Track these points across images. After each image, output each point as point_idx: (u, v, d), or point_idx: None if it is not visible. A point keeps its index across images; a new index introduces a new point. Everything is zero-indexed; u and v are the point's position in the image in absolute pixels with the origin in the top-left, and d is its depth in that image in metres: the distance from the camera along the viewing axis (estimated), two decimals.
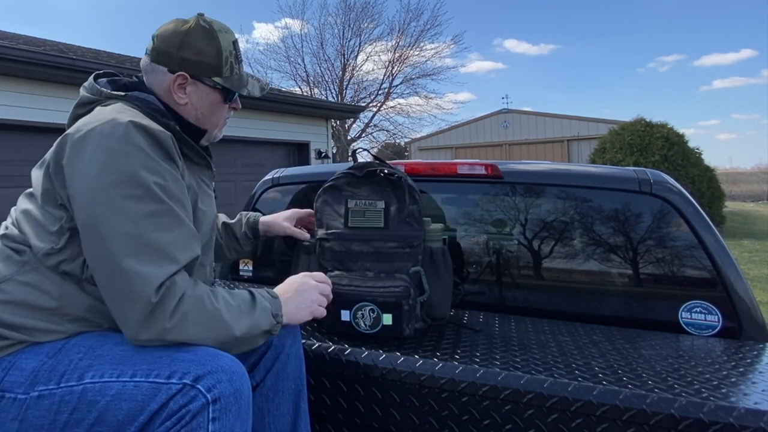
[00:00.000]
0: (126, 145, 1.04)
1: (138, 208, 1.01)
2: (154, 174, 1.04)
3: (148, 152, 1.05)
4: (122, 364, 0.99)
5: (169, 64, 1.22)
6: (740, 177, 30.16)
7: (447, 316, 1.61)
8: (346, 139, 19.23)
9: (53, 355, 1.02)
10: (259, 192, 2.23)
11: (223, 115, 1.32)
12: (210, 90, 1.26)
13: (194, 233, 1.10)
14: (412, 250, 1.52)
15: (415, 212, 1.54)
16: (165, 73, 1.22)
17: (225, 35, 1.26)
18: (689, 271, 1.62)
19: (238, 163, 7.27)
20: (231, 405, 0.97)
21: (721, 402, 1.08)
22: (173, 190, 1.07)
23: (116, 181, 1.01)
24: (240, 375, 1.00)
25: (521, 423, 1.19)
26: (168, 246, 1.02)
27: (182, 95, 1.24)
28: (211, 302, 1.05)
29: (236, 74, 1.28)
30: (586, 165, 2.01)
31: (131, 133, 1.05)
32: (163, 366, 0.98)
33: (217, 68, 1.24)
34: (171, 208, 1.05)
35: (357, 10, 20.17)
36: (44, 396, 0.98)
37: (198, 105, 1.26)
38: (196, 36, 1.22)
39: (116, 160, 1.02)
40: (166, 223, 1.03)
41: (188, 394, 0.95)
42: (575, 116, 19.65)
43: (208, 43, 1.23)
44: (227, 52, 1.25)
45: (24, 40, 6.61)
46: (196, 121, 1.27)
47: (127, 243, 0.99)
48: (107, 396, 0.96)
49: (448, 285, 1.61)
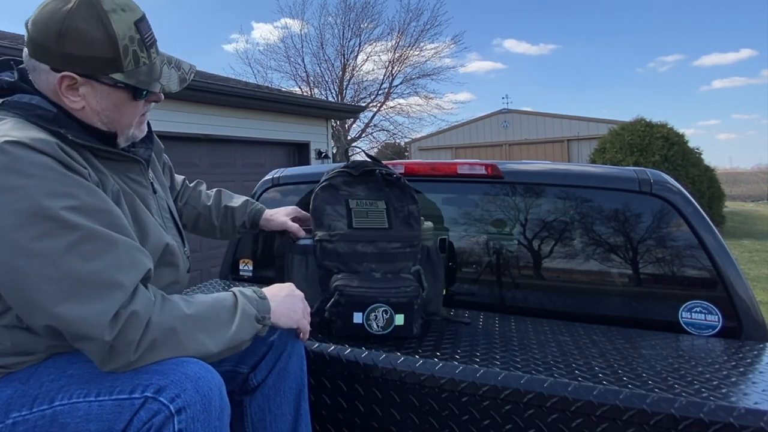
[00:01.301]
0: (13, 176, 0.87)
1: (53, 246, 0.87)
2: (60, 198, 0.89)
3: (42, 174, 0.88)
4: (89, 383, 0.94)
5: (50, 61, 0.98)
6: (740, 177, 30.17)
7: (439, 310, 1.67)
8: (346, 139, 19.22)
9: (26, 380, 0.97)
10: (259, 192, 2.23)
11: (135, 114, 1.09)
12: (110, 89, 1.02)
13: (133, 246, 0.96)
14: (412, 250, 1.54)
15: (414, 212, 1.56)
16: (48, 71, 0.99)
17: (122, 15, 0.98)
18: (689, 271, 1.62)
19: (238, 163, 7.27)
20: (198, 413, 0.90)
21: (721, 402, 1.08)
22: (91, 205, 0.92)
23: (16, 224, 0.86)
24: (207, 381, 0.93)
25: (521, 423, 1.19)
26: (105, 273, 0.89)
27: (75, 98, 1.01)
28: (183, 322, 0.95)
29: (144, 65, 1.03)
30: (586, 165, 2.01)
31: (11, 159, 0.87)
32: (126, 381, 0.92)
33: (115, 61, 0.99)
34: (93, 230, 0.90)
35: (357, 10, 20.15)
36: (18, 423, 0.94)
37: (99, 108, 1.03)
38: (80, 20, 0.95)
39: (10, 198, 0.87)
40: (93, 250, 0.89)
41: (150, 408, 0.89)
42: (575, 116, 19.64)
43: (96, 29, 0.96)
44: (125, 39, 0.99)
45: (24, 40, 6.61)
46: (101, 124, 1.05)
47: (56, 289, 0.86)
48: (76, 418, 0.91)
49: (442, 281, 1.67)
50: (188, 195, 1.62)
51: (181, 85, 1.12)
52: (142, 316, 0.91)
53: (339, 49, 20.52)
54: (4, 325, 0.98)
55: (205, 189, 1.67)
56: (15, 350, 0.99)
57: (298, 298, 1.22)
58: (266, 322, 1.10)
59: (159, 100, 1.13)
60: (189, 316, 0.97)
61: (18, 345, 0.99)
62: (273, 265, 2.18)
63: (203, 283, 2.08)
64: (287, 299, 1.19)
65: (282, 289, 1.21)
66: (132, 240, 0.97)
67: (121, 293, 0.90)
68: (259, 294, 1.13)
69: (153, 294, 0.96)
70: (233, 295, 1.09)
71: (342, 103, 16.21)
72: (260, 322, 1.09)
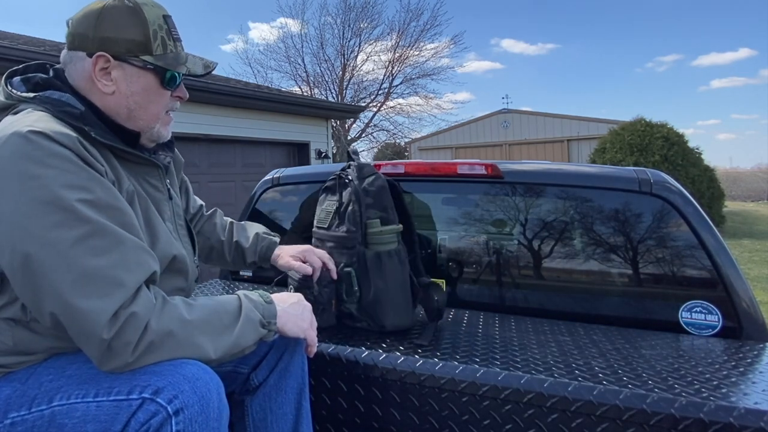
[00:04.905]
0: (32, 165, 0.90)
1: (63, 237, 0.88)
2: (76, 190, 0.91)
3: (60, 165, 0.91)
4: (87, 383, 0.94)
5: (87, 47, 1.06)
6: (740, 177, 30.15)
7: (406, 324, 1.54)
8: (346, 139, 19.22)
9: (25, 380, 0.97)
10: (259, 192, 2.24)
11: (163, 103, 1.14)
12: (140, 71, 1.08)
13: (141, 246, 0.96)
14: (348, 251, 1.54)
15: (354, 213, 1.55)
16: (83, 58, 1.06)
17: (152, 9, 1.09)
18: (689, 270, 1.63)
19: (238, 163, 7.27)
20: (196, 415, 0.90)
21: (721, 402, 1.08)
22: (104, 201, 0.94)
23: (31, 212, 0.88)
24: (205, 382, 0.93)
25: (521, 423, 1.19)
26: (109, 270, 0.89)
27: (107, 82, 1.07)
28: (183, 325, 0.95)
29: (171, 52, 1.11)
30: (586, 165, 2.01)
31: (33, 148, 0.90)
32: (124, 381, 0.91)
33: (145, 45, 1.07)
34: (103, 225, 0.91)
35: (357, 10, 20.19)
36: (17, 423, 0.94)
37: (128, 92, 1.08)
38: (115, 11, 1.06)
39: (27, 185, 0.89)
40: (101, 245, 0.90)
41: (148, 410, 0.89)
42: (575, 116, 19.64)
43: (130, 16, 1.06)
44: (155, 25, 1.08)
45: (24, 41, 6.61)
46: (129, 113, 1.10)
47: (62, 279, 0.87)
48: (74, 418, 0.91)
49: (397, 291, 1.52)
50: (203, 224, 1.57)
51: (206, 70, 1.17)
52: (141, 317, 0.90)
53: (339, 49, 20.56)
54: (7, 319, 0.98)
55: (220, 220, 1.61)
56: (15, 349, 0.99)
57: (306, 308, 1.20)
58: (271, 328, 1.08)
59: (184, 96, 1.19)
60: (189, 321, 0.96)
61: (19, 344, 0.99)
62: None
63: (203, 283, 2.08)
64: (295, 306, 1.17)
65: (291, 296, 1.20)
66: (140, 240, 0.98)
67: (122, 292, 0.89)
68: (265, 298, 1.11)
69: (154, 296, 0.95)
70: (238, 298, 1.07)
71: (342, 103, 16.22)
72: (265, 327, 1.07)
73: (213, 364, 0.99)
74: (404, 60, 20.58)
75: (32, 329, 0.98)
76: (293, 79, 21.05)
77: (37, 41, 7.20)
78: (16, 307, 0.98)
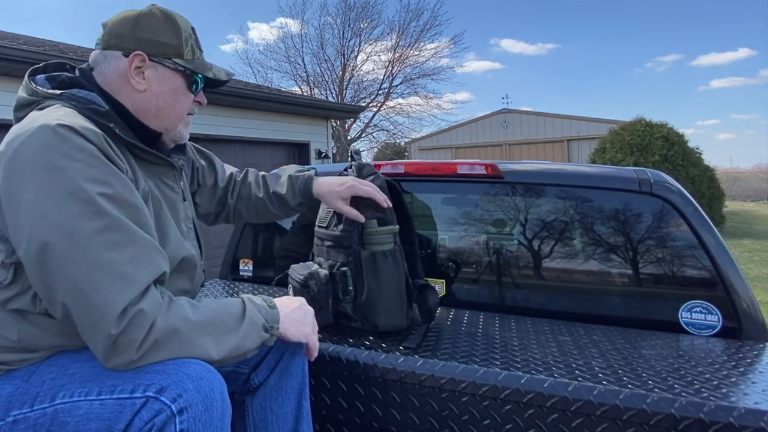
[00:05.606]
0: (58, 156, 0.92)
1: (82, 228, 0.90)
2: (98, 184, 0.93)
3: (85, 159, 0.94)
4: (90, 381, 0.94)
5: (124, 46, 1.11)
6: (740, 177, 30.14)
7: (401, 325, 1.53)
8: (346, 139, 19.23)
9: (27, 378, 0.98)
10: None
11: (187, 105, 1.20)
12: (172, 73, 1.15)
13: (154, 245, 0.98)
14: (345, 251, 1.54)
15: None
16: (119, 57, 1.11)
17: (183, 20, 1.18)
18: (689, 270, 1.63)
19: (238, 163, 7.26)
20: (200, 414, 0.90)
21: (721, 402, 1.08)
22: (123, 197, 0.96)
23: (53, 202, 0.90)
24: (209, 381, 0.94)
25: (521, 423, 1.19)
26: (122, 265, 0.91)
27: (140, 80, 1.12)
28: (188, 325, 0.96)
29: (198, 59, 1.19)
30: (586, 165, 2.01)
31: (61, 140, 0.93)
32: (128, 380, 0.92)
33: (178, 48, 1.15)
34: (120, 220, 0.93)
35: (357, 10, 20.20)
36: (19, 420, 0.94)
37: (159, 91, 1.14)
38: (151, 17, 1.13)
39: (52, 176, 0.91)
40: (116, 240, 0.92)
41: (152, 408, 0.89)
42: (575, 116, 19.64)
43: (165, 23, 1.14)
44: (186, 33, 1.17)
45: (24, 40, 6.61)
46: (157, 112, 1.15)
47: (77, 270, 0.89)
48: (77, 416, 0.91)
49: (390, 291, 1.52)
50: (239, 189, 1.58)
51: (228, 76, 1.26)
52: (148, 316, 0.91)
53: (339, 49, 20.56)
54: (16, 310, 0.99)
55: (254, 177, 1.60)
56: (19, 345, 0.99)
57: (308, 312, 1.20)
58: (274, 332, 1.09)
59: (203, 102, 1.25)
60: (194, 321, 0.97)
61: (23, 339, 0.99)
62: (273, 265, 2.18)
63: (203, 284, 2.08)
64: (297, 311, 1.17)
65: (293, 301, 1.20)
66: (154, 240, 1.00)
67: (133, 289, 0.91)
68: (268, 303, 1.12)
69: (161, 295, 0.96)
70: (242, 301, 1.08)
71: (342, 103, 16.21)
72: (268, 331, 1.08)
73: (214, 366, 0.99)
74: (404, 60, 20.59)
75: (38, 324, 0.99)
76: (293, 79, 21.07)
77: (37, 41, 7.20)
78: (27, 298, 0.98)
